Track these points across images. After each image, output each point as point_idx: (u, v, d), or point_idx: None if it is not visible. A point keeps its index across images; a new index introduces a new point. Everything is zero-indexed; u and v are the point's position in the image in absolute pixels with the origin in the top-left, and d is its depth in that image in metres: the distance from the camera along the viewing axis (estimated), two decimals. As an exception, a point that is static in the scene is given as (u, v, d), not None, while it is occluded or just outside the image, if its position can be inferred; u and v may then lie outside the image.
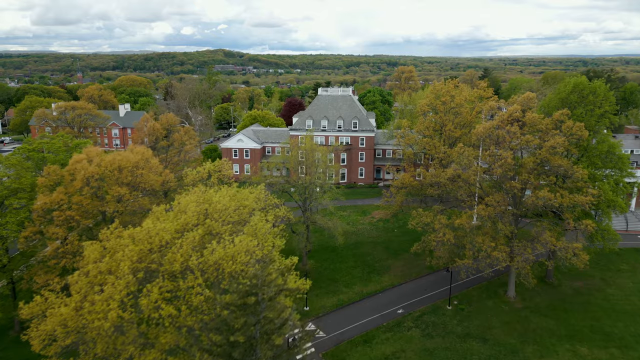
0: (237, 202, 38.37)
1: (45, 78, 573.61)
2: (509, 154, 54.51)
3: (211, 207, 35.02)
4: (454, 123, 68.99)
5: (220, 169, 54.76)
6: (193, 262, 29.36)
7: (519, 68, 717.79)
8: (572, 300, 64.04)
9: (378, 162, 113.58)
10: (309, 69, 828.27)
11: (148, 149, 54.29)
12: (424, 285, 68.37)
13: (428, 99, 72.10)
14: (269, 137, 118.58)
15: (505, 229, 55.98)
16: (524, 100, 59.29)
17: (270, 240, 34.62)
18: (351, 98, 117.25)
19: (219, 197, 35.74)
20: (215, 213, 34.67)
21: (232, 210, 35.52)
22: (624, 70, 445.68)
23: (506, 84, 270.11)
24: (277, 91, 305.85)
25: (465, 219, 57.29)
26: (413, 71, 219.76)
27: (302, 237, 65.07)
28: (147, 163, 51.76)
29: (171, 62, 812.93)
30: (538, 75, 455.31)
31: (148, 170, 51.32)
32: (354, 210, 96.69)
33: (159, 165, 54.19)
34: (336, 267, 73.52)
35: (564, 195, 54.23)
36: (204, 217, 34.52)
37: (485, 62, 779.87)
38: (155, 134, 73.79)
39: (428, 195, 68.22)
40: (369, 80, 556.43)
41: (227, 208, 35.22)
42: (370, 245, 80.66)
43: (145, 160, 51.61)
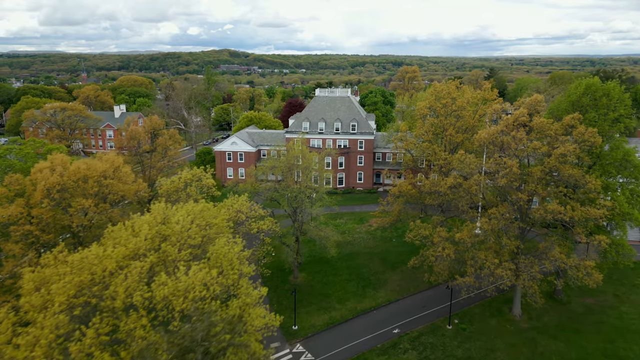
0: (203, 220, 33.85)
1: (50, 78, 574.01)
2: (515, 163, 49.62)
3: (169, 228, 30.50)
4: (455, 127, 64.08)
5: (199, 177, 50.24)
6: (137, 299, 24.92)
7: (526, 68, 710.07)
8: (583, 320, 59.06)
9: (378, 166, 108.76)
10: (314, 69, 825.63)
11: (119, 156, 49.95)
12: (422, 302, 63.58)
13: (427, 101, 67.17)
14: (265, 139, 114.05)
15: (510, 244, 51.11)
16: (531, 103, 54.36)
17: (237, 266, 30.01)
18: (350, 99, 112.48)
19: (180, 216, 31.17)
20: (173, 235, 30.15)
21: (194, 232, 30.95)
22: (633, 70, 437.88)
23: (512, 84, 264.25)
24: (279, 91, 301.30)
25: (466, 233, 52.45)
26: (417, 71, 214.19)
27: (291, 250, 60.39)
28: (117, 172, 47.36)
29: (177, 62, 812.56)
30: (545, 76, 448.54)
31: (118, 180, 46.94)
32: (351, 218, 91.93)
33: (131, 173, 49.73)
34: (329, 281, 68.82)
35: (575, 208, 49.28)
36: (161, 240, 30.03)
37: (492, 62, 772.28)
38: (138, 138, 69.41)
39: (427, 204, 63.37)
40: (374, 80, 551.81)
41: (187, 229, 30.60)
42: (367, 256, 75.88)
43: (114, 168, 47.21)
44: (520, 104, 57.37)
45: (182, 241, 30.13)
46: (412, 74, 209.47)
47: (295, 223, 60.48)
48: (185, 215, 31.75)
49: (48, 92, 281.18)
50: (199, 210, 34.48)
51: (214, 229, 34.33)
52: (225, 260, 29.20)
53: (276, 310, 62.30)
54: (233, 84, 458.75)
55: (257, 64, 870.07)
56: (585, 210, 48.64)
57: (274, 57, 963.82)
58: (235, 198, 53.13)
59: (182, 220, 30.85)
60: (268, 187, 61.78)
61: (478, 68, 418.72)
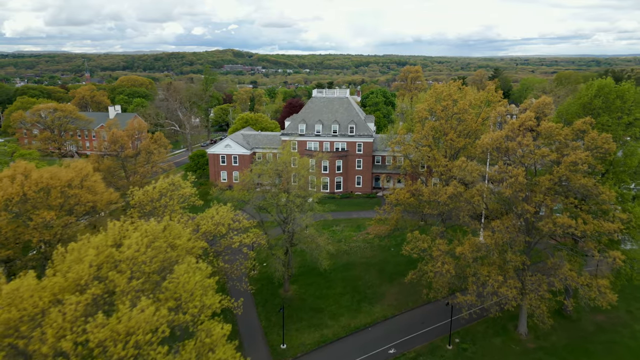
0: (165, 241, 29.79)
1: (54, 78, 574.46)
2: (521, 171, 45.29)
3: (121, 253, 26.45)
4: (456, 131, 59.70)
5: (177, 186, 46.20)
6: (67, 345, 20.95)
7: (531, 68, 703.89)
8: (594, 339, 54.73)
9: (377, 170, 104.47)
10: (318, 69, 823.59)
11: (88, 164, 46.03)
12: (421, 318, 59.36)
13: (427, 103, 62.83)
14: (260, 142, 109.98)
15: (515, 260, 46.79)
16: (539, 106, 49.99)
17: (199, 298, 25.93)
18: (348, 100, 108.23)
19: (135, 238, 27.04)
20: (124, 262, 26.08)
21: (149, 257, 26.87)
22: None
23: (517, 85, 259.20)
24: (281, 92, 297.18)
25: (467, 247, 48.18)
26: (420, 71, 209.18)
27: (279, 263, 56.25)
28: (85, 181, 43.42)
29: (180, 62, 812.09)
30: (550, 76, 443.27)
31: (86, 190, 43.01)
32: (348, 225, 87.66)
33: (101, 182, 45.79)
34: (322, 294, 64.66)
35: (588, 221, 44.98)
36: (111, 267, 25.97)
37: (496, 62, 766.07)
38: (120, 141, 65.51)
39: (426, 213, 59.11)
40: (378, 80, 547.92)
41: (143, 253, 26.47)
42: (363, 267, 71.64)
43: (82, 177, 43.27)
44: (526, 106, 53.05)
45: (134, 268, 26.09)
46: (414, 74, 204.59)
47: (285, 233, 56.32)
48: (142, 236, 27.69)
49: (47, 92, 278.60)
50: (161, 229, 30.41)
51: (177, 250, 30.25)
52: (184, 291, 25.19)
53: (264, 327, 58.42)
54: (236, 84, 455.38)
55: (260, 64, 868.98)
56: (598, 223, 44.35)
57: (278, 57, 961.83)
58: (217, 208, 49.17)
59: (135, 243, 26.74)
60: (256, 196, 57.65)
61: (483, 68, 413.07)
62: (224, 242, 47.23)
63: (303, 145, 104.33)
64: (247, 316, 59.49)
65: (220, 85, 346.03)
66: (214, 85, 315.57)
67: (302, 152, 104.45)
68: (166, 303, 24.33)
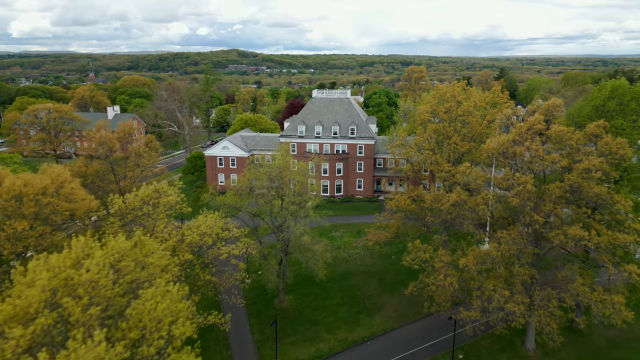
0: (134, 260, 26.87)
1: (60, 78, 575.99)
2: (529, 178, 42.11)
3: (79, 276, 23.51)
4: (460, 134, 56.52)
5: (161, 193, 43.30)
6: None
7: (537, 68, 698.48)
8: (607, 356, 51.52)
9: (379, 173, 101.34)
10: (322, 69, 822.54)
11: (65, 170, 43.25)
12: (422, 331, 56.25)
13: (429, 104, 59.64)
14: (258, 144, 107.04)
15: (523, 273, 43.61)
16: (549, 108, 46.79)
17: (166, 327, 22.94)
18: (349, 101, 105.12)
19: (98, 259, 24.05)
20: (82, 286, 23.13)
21: (111, 280, 23.91)
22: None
23: (523, 85, 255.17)
24: (284, 92, 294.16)
25: (472, 259, 45.01)
26: (424, 71, 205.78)
27: (272, 273, 53.26)
28: (62, 188, 40.62)
29: (185, 62, 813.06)
30: (556, 76, 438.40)
31: (63, 198, 40.21)
32: (348, 230, 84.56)
33: (80, 189, 42.96)
34: (319, 305, 61.63)
35: (602, 232, 41.75)
36: (67, 292, 23.06)
37: (502, 62, 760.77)
38: (108, 144, 62.73)
39: (428, 221, 55.95)
40: (382, 80, 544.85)
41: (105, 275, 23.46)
42: (362, 275, 68.53)
43: (58, 184, 40.49)
44: (535, 108, 49.82)
45: (94, 293, 23.20)
46: (419, 74, 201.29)
47: (279, 242, 53.31)
48: (107, 255, 24.81)
49: (49, 92, 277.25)
50: (130, 246, 27.47)
51: (149, 269, 27.31)
52: (150, 320, 22.28)
53: (257, 340, 55.47)
54: (240, 84, 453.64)
55: (265, 64, 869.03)
56: (613, 235, 41.11)
57: (283, 57, 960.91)
58: (204, 217, 46.27)
59: (96, 264, 23.79)
60: (248, 202, 54.70)
61: (488, 68, 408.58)
62: (212, 252, 44.33)
63: (302, 147, 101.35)
64: (239, 329, 56.60)
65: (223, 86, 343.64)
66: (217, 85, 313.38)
67: (301, 154, 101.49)
68: (129, 333, 21.47)
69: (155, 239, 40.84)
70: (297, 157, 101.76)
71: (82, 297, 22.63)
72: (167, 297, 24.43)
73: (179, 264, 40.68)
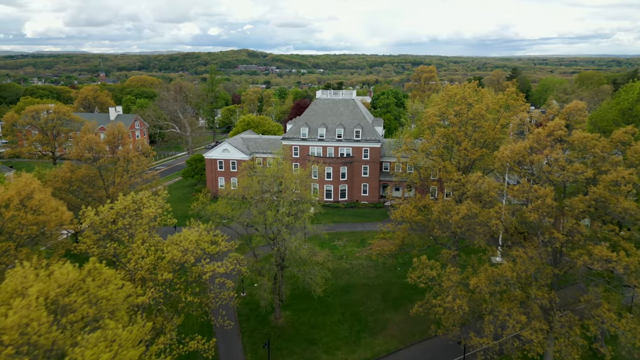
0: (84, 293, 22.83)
1: (71, 78, 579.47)
2: (549, 191, 37.49)
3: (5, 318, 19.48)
4: (471, 139, 51.92)
5: (141, 205, 39.32)
6: None
7: (549, 68, 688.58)
8: (633, 387, 46.67)
9: (385, 178, 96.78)
10: (332, 69, 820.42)
11: (34, 179, 39.52)
12: (429, 353, 51.76)
13: (438, 107, 55.05)
14: (260, 146, 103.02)
15: (541, 297, 38.97)
16: (570, 111, 42.10)
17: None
18: (354, 102, 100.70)
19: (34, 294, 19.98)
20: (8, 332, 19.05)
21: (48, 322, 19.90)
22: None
23: (536, 85, 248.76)
24: (292, 92, 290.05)
25: (484, 279, 40.48)
26: (434, 71, 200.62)
27: (265, 290, 49.07)
28: (29, 200, 36.85)
29: (195, 62, 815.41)
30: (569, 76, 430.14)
31: (30, 210, 36.44)
32: (351, 239, 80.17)
33: (50, 200, 39.16)
34: (317, 322, 57.33)
35: (631, 252, 37.02)
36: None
37: (514, 62, 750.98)
38: (96, 148, 59.05)
39: (436, 234, 51.40)
40: (392, 80, 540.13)
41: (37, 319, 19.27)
42: (365, 289, 64.15)
43: (24, 196, 36.71)
44: (554, 112, 45.13)
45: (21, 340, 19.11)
46: (428, 74, 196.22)
47: (273, 256, 49.08)
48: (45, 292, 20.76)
49: (57, 92, 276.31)
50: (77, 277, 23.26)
51: (101, 304, 23.19)
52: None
53: (249, 362, 51.42)
54: (249, 84, 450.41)
55: (275, 64, 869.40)
56: (644, 255, 36.38)
57: (292, 57, 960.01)
58: (187, 231, 42.19)
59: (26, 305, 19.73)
60: (240, 212, 50.58)
61: (500, 68, 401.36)
62: (196, 270, 40.25)
63: (305, 150, 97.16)
64: (231, 349, 52.53)
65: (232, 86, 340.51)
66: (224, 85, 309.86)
67: (304, 157, 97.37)
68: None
69: (127, 261, 36.88)
70: (299, 161, 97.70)
71: (6, 346, 18.67)
72: (114, 347, 20.20)
73: (157, 284, 36.69)
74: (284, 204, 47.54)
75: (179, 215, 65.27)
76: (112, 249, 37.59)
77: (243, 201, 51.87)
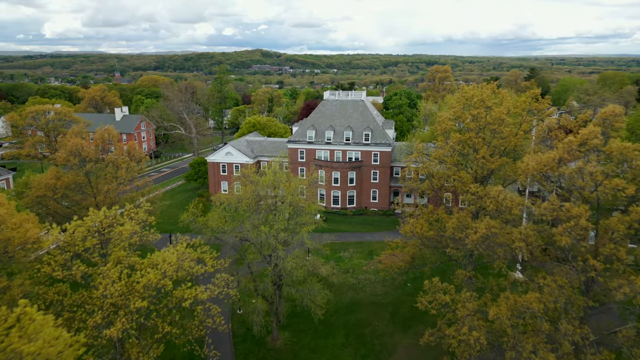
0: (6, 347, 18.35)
1: (87, 78, 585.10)
2: (583, 211, 32.07)
3: None
4: (489, 147, 46.51)
5: (114, 221, 34.77)
6: None
7: (567, 68, 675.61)
8: None
9: (396, 184, 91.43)
10: (346, 69, 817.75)
11: None
12: (441, 385, 46.43)
13: (453, 110, 49.65)
14: (265, 149, 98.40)
15: (572, 333, 33.53)
16: (606, 117, 36.57)
17: None
18: (364, 104, 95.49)
19: None
20: None
21: None
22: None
23: (555, 86, 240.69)
24: (303, 92, 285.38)
25: (505, 310, 35.18)
26: (449, 71, 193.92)
27: (258, 314, 44.27)
28: (-15, 216, 32.56)
29: (209, 62, 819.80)
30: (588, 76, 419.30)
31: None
32: (358, 250, 75.02)
33: (12, 215, 34.80)
34: (318, 345, 52.32)
35: (681, 283, 31.44)
36: None
37: (531, 62, 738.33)
38: (82, 154, 54.86)
39: (450, 253, 46.04)
40: (406, 80, 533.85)
41: None
42: (372, 308, 59.02)
43: (-21, 212, 32.45)
44: (587, 117, 39.56)
45: None
46: (443, 74, 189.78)
47: (268, 276, 44.19)
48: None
49: (68, 92, 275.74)
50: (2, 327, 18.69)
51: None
52: None
53: (241, 391, 46.71)
54: (262, 84, 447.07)
55: (288, 64, 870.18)
56: (697, 288, 30.80)
57: (306, 57, 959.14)
58: (176, 245, 37.66)
59: None
60: (232, 226, 45.79)
61: (516, 68, 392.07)
62: (178, 293, 35.61)
63: (312, 154, 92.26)
64: (221, 375, 47.83)
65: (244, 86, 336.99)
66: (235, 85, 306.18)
67: (310, 161, 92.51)
68: None
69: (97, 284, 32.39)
70: (305, 165, 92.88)
71: None
72: None
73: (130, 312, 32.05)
74: (279, 219, 42.66)
75: (177, 222, 60.73)
76: (80, 272, 33.11)
77: (237, 213, 47.15)
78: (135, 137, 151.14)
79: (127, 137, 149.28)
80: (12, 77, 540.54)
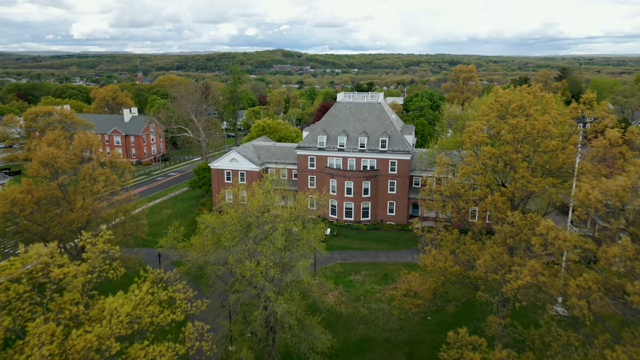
0: None
1: (112, 77, 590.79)
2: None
3: None
4: (530, 164, 37.56)
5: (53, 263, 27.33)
6: None
7: (596, 68, 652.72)
8: None
9: (415, 195, 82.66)
10: (367, 69, 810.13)
11: None
12: None
13: (486, 117, 40.68)
14: (273, 155, 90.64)
15: None
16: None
17: None
18: (381, 107, 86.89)
19: None
20: None
21: None
22: None
23: (586, 86, 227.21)
24: (321, 93, 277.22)
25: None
26: (473, 70, 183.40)
27: None
28: None
29: (231, 62, 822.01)
30: (618, 76, 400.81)
31: None
32: (372, 272, 66.52)
33: None
34: (320, 396, 44.11)
35: None
36: None
37: (558, 62, 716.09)
38: (55, 164, 47.85)
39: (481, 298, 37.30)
40: (428, 80, 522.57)
41: None
42: (385, 347, 50.56)
43: None
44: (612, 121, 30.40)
45: None
46: (467, 74, 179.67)
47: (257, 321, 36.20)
48: None
49: (86, 91, 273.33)
50: None
51: None
52: None
53: None
54: (282, 84, 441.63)
55: (309, 64, 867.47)
56: None
57: (327, 57, 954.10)
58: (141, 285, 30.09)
59: None
60: (215, 257, 38.00)
61: (542, 67, 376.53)
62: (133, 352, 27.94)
63: (323, 161, 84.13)
64: None
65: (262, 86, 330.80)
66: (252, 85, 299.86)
67: (321, 169, 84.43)
68: None
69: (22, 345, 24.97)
70: (316, 173, 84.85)
71: None
72: None
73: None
74: (269, 253, 34.67)
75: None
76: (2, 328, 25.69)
77: (219, 242, 39.33)
78: (144, 139, 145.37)
79: (134, 140, 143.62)
80: (38, 77, 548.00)
